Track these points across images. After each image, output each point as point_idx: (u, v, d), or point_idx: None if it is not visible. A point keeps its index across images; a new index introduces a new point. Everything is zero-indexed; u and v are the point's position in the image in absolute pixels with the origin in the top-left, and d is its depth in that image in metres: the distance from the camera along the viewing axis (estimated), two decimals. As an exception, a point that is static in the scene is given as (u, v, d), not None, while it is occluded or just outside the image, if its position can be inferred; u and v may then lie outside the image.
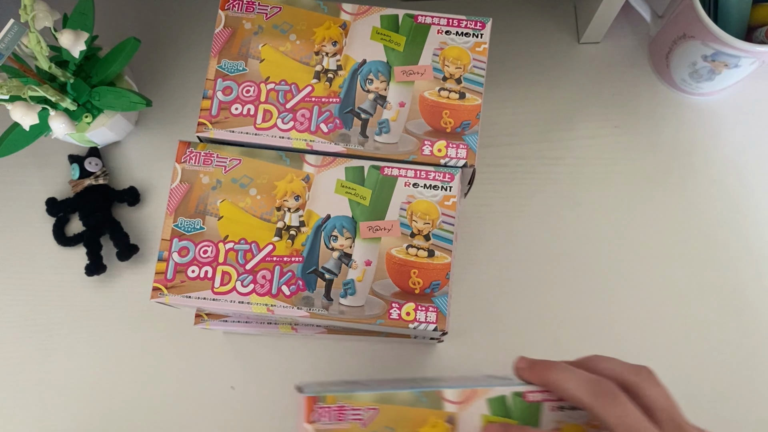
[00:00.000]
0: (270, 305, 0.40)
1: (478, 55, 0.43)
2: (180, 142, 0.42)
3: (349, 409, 0.36)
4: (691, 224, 0.57)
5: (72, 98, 0.53)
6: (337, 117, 0.42)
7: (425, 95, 0.43)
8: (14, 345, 0.56)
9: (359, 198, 0.41)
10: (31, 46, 0.48)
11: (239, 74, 0.43)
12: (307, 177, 0.41)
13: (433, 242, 0.40)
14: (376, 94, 0.43)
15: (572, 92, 0.60)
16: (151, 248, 0.57)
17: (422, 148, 0.42)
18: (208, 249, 0.41)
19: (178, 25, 0.61)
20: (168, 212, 0.41)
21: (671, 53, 0.56)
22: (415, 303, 0.40)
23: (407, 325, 0.39)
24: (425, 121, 0.42)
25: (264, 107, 0.43)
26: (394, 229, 0.41)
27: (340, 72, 0.43)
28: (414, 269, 0.40)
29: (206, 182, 0.42)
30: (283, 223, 0.41)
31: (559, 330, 0.55)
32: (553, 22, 0.62)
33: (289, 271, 0.40)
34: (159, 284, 0.40)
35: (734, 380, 0.54)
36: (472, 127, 0.42)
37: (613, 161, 0.59)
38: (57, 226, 0.57)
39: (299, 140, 0.42)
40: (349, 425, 0.35)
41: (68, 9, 0.54)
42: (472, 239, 0.57)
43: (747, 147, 0.59)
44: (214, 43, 0.43)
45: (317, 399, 0.36)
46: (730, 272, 0.56)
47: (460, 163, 0.42)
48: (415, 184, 0.41)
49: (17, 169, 0.59)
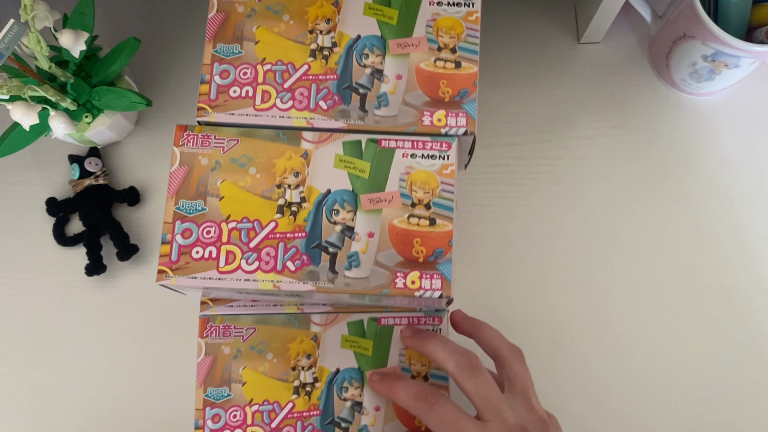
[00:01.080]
0: (276, 281, 0.40)
1: (471, 24, 0.43)
2: (177, 126, 0.43)
3: (233, 328, 0.44)
4: (690, 224, 0.57)
5: (72, 98, 0.53)
6: (335, 93, 0.42)
7: (421, 66, 0.43)
8: (14, 345, 0.56)
9: (358, 171, 0.41)
10: (31, 46, 0.48)
11: (235, 57, 0.43)
12: (306, 153, 0.42)
13: (434, 211, 0.41)
14: (372, 69, 0.43)
15: (572, 92, 0.60)
16: (151, 248, 0.57)
17: (422, 119, 0.42)
18: (211, 229, 0.41)
19: (177, 25, 0.61)
20: (169, 195, 0.41)
21: (671, 53, 0.56)
22: (420, 271, 0.40)
23: (413, 294, 0.39)
24: (423, 92, 0.42)
25: (262, 88, 0.43)
26: (394, 199, 0.41)
27: (336, 49, 0.43)
28: (416, 238, 0.40)
29: (205, 164, 0.42)
30: (284, 200, 0.41)
31: (559, 330, 0.55)
32: (553, 22, 0.62)
33: (293, 247, 0.40)
34: (164, 266, 0.40)
35: (733, 380, 0.54)
36: (470, 94, 0.42)
37: (613, 161, 0.59)
38: (57, 226, 0.57)
39: (299, 118, 0.42)
40: (232, 340, 0.44)
41: (68, 9, 0.54)
42: (472, 239, 0.57)
43: (747, 147, 0.59)
44: (207, 28, 0.44)
45: (208, 319, 0.44)
46: (730, 272, 0.56)
47: (461, 131, 0.42)
48: (413, 155, 0.41)
49: (17, 169, 0.59)
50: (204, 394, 0.44)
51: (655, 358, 0.55)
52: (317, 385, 0.44)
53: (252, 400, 0.43)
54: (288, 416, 0.43)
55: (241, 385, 0.44)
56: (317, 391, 0.44)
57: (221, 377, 0.44)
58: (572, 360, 0.55)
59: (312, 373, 0.44)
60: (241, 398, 0.44)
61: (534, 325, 0.55)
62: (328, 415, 0.43)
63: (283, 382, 0.44)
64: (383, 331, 0.44)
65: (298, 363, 0.44)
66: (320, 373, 0.44)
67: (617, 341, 0.55)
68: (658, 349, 0.55)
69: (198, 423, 0.44)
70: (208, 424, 0.44)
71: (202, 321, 0.45)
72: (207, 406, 0.44)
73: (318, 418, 0.43)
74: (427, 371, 0.44)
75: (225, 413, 0.44)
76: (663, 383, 0.54)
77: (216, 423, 0.43)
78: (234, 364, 0.44)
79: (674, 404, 0.54)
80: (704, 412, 0.54)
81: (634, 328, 0.55)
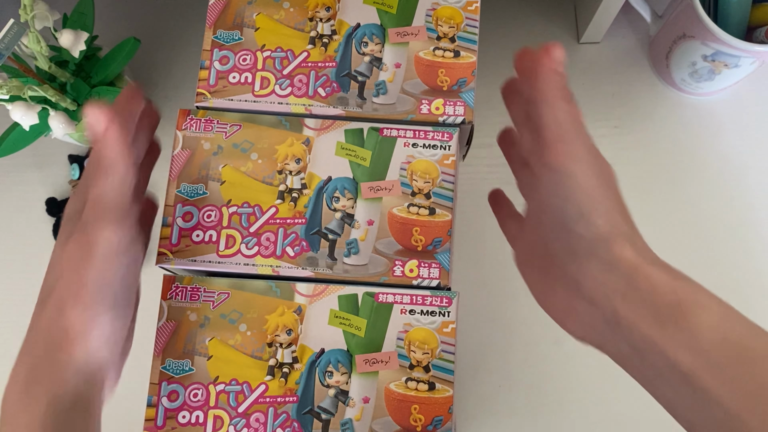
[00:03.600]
0: (275, 266, 0.40)
1: (470, 13, 0.43)
2: (180, 110, 0.43)
3: (202, 291, 0.39)
4: (690, 223, 0.57)
5: (72, 98, 0.53)
6: (334, 81, 0.42)
7: (420, 55, 0.43)
8: (14, 345, 0.56)
9: (359, 159, 0.41)
10: (31, 46, 0.48)
11: (235, 43, 0.43)
12: (307, 140, 0.42)
13: (434, 200, 0.41)
14: (371, 57, 0.43)
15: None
16: (151, 248, 0.57)
17: (420, 108, 0.42)
18: (211, 213, 0.41)
19: (177, 25, 0.61)
20: (171, 179, 0.41)
21: (671, 53, 0.56)
22: (418, 260, 0.40)
23: (411, 282, 0.39)
24: (421, 80, 0.42)
25: (261, 74, 0.43)
26: (394, 188, 0.41)
27: (335, 36, 0.43)
28: (416, 227, 0.40)
29: (207, 148, 0.42)
30: (285, 186, 0.41)
31: (560, 330, 0.55)
32: (553, 22, 0.62)
33: (292, 233, 0.40)
34: (164, 249, 0.40)
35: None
36: (469, 84, 0.42)
37: (613, 161, 0.58)
38: (57, 226, 0.57)
39: (298, 105, 0.42)
40: (200, 305, 0.39)
41: (68, 9, 0.54)
42: (472, 239, 0.57)
43: (746, 147, 0.59)
44: (208, 15, 0.44)
45: (174, 279, 0.39)
46: (730, 272, 0.56)
47: (458, 120, 0.42)
48: (414, 144, 0.41)
49: (17, 169, 0.59)
50: (161, 366, 0.39)
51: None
52: (297, 366, 0.38)
53: (218, 378, 0.38)
54: (259, 400, 0.38)
55: (207, 359, 0.39)
56: (296, 374, 0.38)
57: (183, 348, 0.39)
58: (573, 360, 0.55)
59: (291, 351, 0.39)
60: (205, 375, 0.38)
61: (534, 325, 0.55)
62: (306, 404, 0.38)
63: (257, 359, 0.38)
64: (381, 309, 0.39)
65: (276, 339, 0.39)
66: (301, 353, 0.39)
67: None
68: (659, 349, 0.55)
69: (152, 400, 0.39)
70: (163, 402, 0.38)
71: (166, 280, 0.40)
72: (164, 381, 0.39)
73: (294, 405, 0.38)
74: (429, 360, 0.39)
75: (184, 391, 0.38)
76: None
77: (173, 402, 0.38)
78: (200, 333, 0.39)
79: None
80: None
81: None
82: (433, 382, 0.39)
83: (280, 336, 0.39)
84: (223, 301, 0.39)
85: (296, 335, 0.39)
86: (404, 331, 0.39)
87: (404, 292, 0.39)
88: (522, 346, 0.55)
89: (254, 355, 0.39)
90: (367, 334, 0.39)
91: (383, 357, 0.39)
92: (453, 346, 0.39)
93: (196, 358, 0.39)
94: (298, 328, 0.39)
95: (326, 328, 0.39)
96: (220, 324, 0.39)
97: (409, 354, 0.39)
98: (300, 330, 0.39)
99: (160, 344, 0.39)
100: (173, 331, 0.40)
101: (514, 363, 0.55)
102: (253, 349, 0.39)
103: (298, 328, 0.39)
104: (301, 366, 0.39)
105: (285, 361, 0.39)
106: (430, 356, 0.39)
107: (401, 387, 0.38)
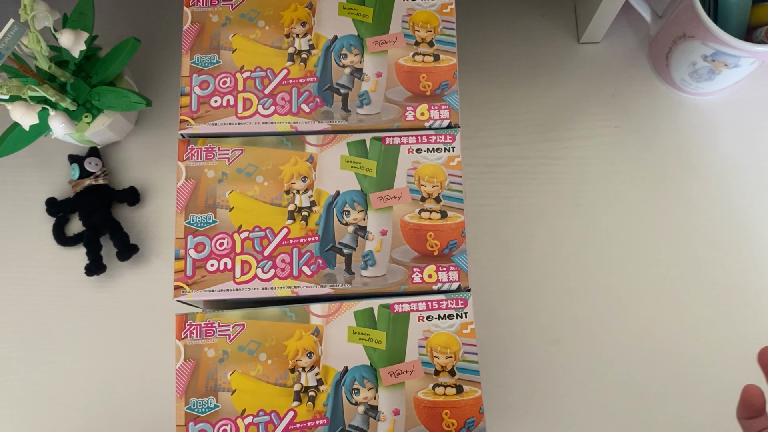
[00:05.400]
0: (293, 287, 0.39)
1: (446, 16, 0.43)
2: (180, 140, 0.42)
3: (216, 325, 0.39)
4: (690, 223, 0.57)
5: (72, 98, 0.53)
6: (316, 96, 0.42)
7: (400, 62, 0.43)
8: (14, 345, 0.56)
9: (365, 170, 0.41)
10: (31, 46, 0.48)
11: (213, 67, 0.43)
12: (311, 157, 0.41)
13: (444, 203, 0.40)
14: (352, 68, 0.43)
15: (572, 92, 0.60)
16: (151, 248, 0.57)
17: (405, 115, 0.42)
18: (223, 241, 0.40)
19: (177, 25, 0.61)
20: (178, 211, 0.41)
21: (671, 53, 0.56)
22: (436, 265, 0.40)
23: (431, 287, 0.39)
24: (404, 87, 0.42)
25: (243, 96, 0.43)
26: (404, 195, 0.41)
27: (314, 51, 0.43)
28: (430, 232, 0.40)
29: (212, 176, 0.41)
30: (294, 206, 0.41)
31: (559, 330, 0.55)
32: (553, 22, 0.62)
33: (307, 252, 0.40)
34: (180, 282, 0.40)
35: (733, 379, 0.54)
36: (451, 86, 0.42)
37: (613, 161, 0.59)
38: (57, 226, 0.57)
39: (283, 123, 0.42)
40: (216, 340, 0.39)
41: (68, 9, 0.54)
42: (472, 239, 0.57)
43: (746, 147, 0.59)
44: (184, 41, 0.44)
45: (187, 317, 0.38)
46: (730, 271, 0.56)
47: (444, 123, 0.42)
48: (418, 149, 0.41)
49: (17, 169, 0.59)
50: (186, 407, 0.38)
51: (655, 358, 0.55)
52: (322, 388, 0.38)
53: (245, 410, 0.38)
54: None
55: (231, 394, 0.38)
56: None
57: (206, 386, 0.39)
58: (572, 360, 0.55)
59: (315, 374, 0.39)
60: (232, 409, 0.38)
61: (534, 325, 0.55)
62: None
63: (281, 387, 0.39)
64: (398, 319, 0.39)
65: (297, 363, 0.39)
66: (325, 374, 0.39)
67: (617, 341, 0.55)
68: (658, 349, 0.55)
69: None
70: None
71: (179, 319, 0.40)
72: (190, 421, 0.38)
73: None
74: (453, 364, 0.38)
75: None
76: (663, 383, 0.54)
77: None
78: (220, 368, 0.39)
79: (674, 404, 0.54)
80: (705, 412, 0.54)
81: (634, 327, 0.55)
82: (460, 384, 0.39)
83: (301, 360, 0.39)
84: (239, 333, 0.39)
85: (317, 357, 0.39)
86: (424, 338, 0.39)
87: (419, 299, 0.39)
88: (521, 346, 0.55)
89: (278, 383, 0.39)
90: (388, 347, 0.39)
91: (407, 367, 0.39)
92: (474, 346, 0.39)
93: (220, 393, 0.39)
94: (319, 350, 0.39)
95: (346, 345, 0.39)
96: (239, 356, 0.39)
97: (432, 360, 0.39)
98: (320, 351, 0.39)
99: (181, 385, 0.39)
100: (193, 369, 0.39)
101: (513, 363, 0.55)
102: (276, 377, 0.39)
103: (319, 350, 0.39)
104: (326, 387, 0.38)
105: (310, 385, 0.39)
106: (453, 360, 0.39)
107: (429, 394, 0.38)
